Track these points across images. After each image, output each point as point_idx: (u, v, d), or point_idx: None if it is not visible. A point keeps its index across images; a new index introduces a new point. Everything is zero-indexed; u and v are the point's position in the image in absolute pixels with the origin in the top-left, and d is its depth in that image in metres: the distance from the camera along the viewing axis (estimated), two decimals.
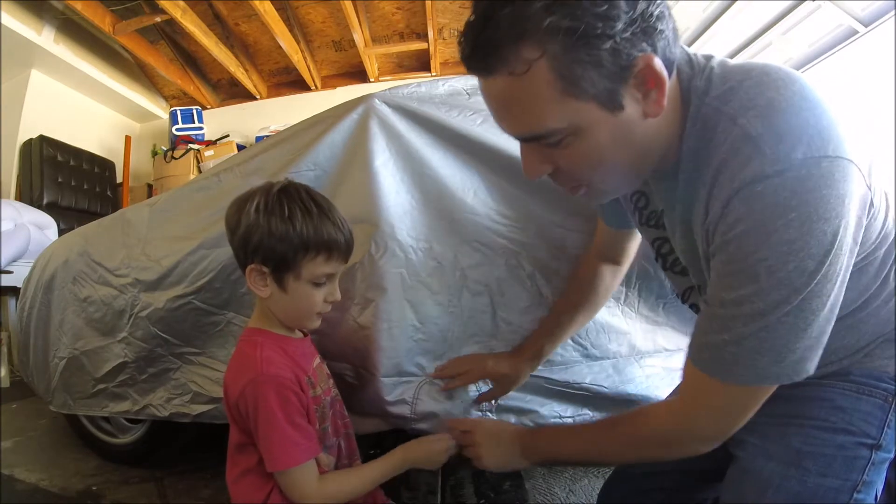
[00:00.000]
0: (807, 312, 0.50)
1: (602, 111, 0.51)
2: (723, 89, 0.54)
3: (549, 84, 0.50)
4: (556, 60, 0.49)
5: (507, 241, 0.94)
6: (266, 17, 3.20)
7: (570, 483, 1.36)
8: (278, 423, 0.69)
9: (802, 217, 0.47)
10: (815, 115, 0.49)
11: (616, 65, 0.49)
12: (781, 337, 0.51)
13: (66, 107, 3.73)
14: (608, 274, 0.94)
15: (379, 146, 0.92)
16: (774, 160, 0.47)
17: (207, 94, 4.36)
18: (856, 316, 0.64)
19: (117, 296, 1.20)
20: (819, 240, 0.48)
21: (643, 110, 0.53)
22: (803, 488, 0.64)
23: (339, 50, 4.11)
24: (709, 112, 0.54)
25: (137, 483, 1.42)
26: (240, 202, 0.74)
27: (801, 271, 0.48)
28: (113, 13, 3.24)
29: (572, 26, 0.47)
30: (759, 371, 0.53)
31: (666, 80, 0.51)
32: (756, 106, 0.50)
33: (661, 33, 0.50)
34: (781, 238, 0.48)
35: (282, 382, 0.71)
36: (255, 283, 0.74)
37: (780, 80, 0.52)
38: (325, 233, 0.72)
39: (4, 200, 2.78)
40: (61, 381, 1.38)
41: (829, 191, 0.47)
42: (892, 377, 0.64)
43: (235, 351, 0.78)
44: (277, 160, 1.01)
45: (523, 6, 0.48)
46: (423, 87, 0.97)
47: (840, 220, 0.48)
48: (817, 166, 0.47)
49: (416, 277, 0.90)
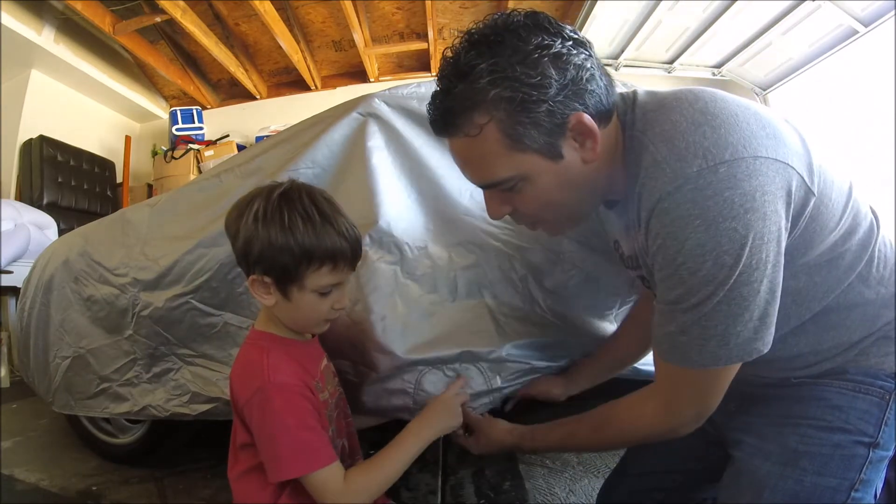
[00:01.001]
0: (738, 299, 0.56)
1: (545, 161, 0.61)
2: (643, 120, 0.62)
3: (498, 142, 0.60)
4: (502, 123, 0.59)
5: (501, 244, 0.94)
6: (266, 17, 3.20)
7: (570, 483, 1.36)
8: (290, 429, 0.67)
9: (707, 222, 0.53)
10: (713, 126, 0.55)
11: (552, 123, 0.58)
12: (721, 323, 0.57)
13: (66, 107, 3.73)
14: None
15: (378, 146, 0.92)
16: (672, 178, 0.55)
17: (207, 94, 4.36)
18: (839, 311, 0.65)
19: (119, 295, 1.21)
20: (730, 237, 0.53)
21: (581, 157, 0.62)
22: (800, 488, 0.64)
23: (339, 50, 4.11)
24: (635, 143, 0.62)
25: (137, 483, 1.43)
26: (240, 208, 0.71)
27: (719, 266, 0.54)
28: (113, 13, 3.24)
29: (512, 96, 0.57)
30: (710, 355, 0.59)
31: (596, 132, 0.60)
32: (662, 131, 0.59)
33: (592, 92, 0.59)
34: (693, 243, 0.55)
35: (290, 389, 0.69)
36: (258, 293, 0.71)
37: (686, 101, 0.59)
38: (328, 241, 0.68)
39: (4, 200, 2.78)
40: (64, 380, 1.39)
41: (731, 192, 0.53)
42: (888, 375, 0.64)
43: (241, 352, 0.76)
44: (277, 161, 1.01)
45: (472, 82, 0.58)
46: (423, 87, 0.97)
47: (752, 215, 0.53)
48: (713, 174, 0.53)
49: (411, 276, 0.90)
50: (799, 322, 0.66)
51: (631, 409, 0.71)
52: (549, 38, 0.57)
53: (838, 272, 0.64)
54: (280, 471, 0.67)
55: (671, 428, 0.67)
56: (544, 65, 0.57)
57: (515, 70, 0.57)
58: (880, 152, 2.80)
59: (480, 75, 0.58)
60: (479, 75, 0.58)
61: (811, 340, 0.66)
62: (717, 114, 0.56)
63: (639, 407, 0.70)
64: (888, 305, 0.65)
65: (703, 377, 0.62)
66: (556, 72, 0.57)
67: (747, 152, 0.53)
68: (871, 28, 2.92)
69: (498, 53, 0.57)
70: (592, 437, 0.76)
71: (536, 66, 0.57)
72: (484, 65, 0.58)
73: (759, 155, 0.54)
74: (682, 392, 0.65)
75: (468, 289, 0.94)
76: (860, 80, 3.10)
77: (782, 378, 0.68)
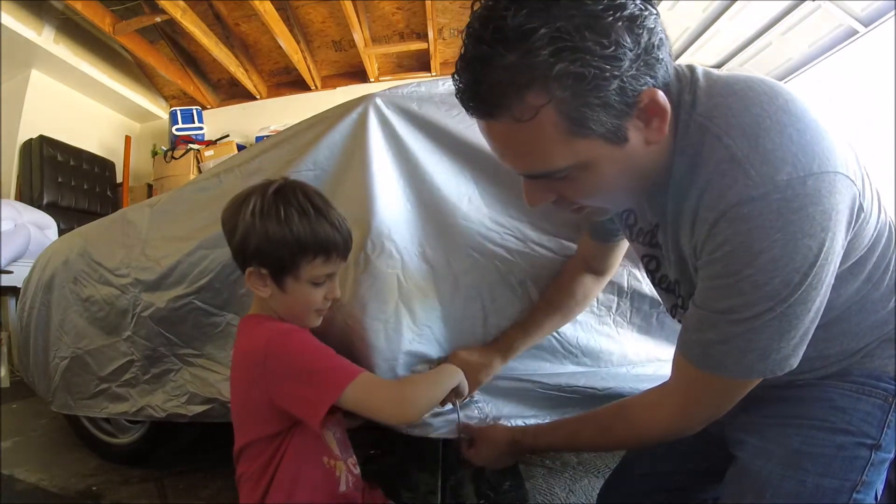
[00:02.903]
0: (791, 317, 0.53)
1: (608, 145, 0.52)
2: (708, 105, 0.55)
3: (556, 127, 0.50)
4: (565, 104, 0.49)
5: (500, 249, 0.94)
6: (266, 17, 3.20)
7: (570, 483, 1.36)
8: (317, 352, 0.71)
9: (787, 236, 0.49)
10: (799, 130, 0.49)
11: (623, 102, 0.50)
12: (766, 338, 0.54)
13: (66, 107, 3.73)
14: (589, 282, 0.95)
15: (378, 147, 0.92)
16: (759, 183, 0.49)
17: (207, 94, 4.36)
18: (851, 320, 0.65)
19: (119, 295, 1.20)
20: (804, 255, 0.49)
21: (646, 138, 0.54)
22: (802, 489, 0.64)
23: (339, 50, 4.11)
24: (695, 128, 0.55)
25: (137, 483, 1.42)
26: (236, 204, 0.74)
27: (786, 284, 0.50)
28: (113, 13, 3.24)
29: (581, 72, 0.47)
30: (746, 367, 0.56)
31: (668, 110, 0.52)
32: (741, 124, 0.51)
33: (661, 61, 0.51)
34: (767, 257, 0.50)
35: (296, 330, 0.73)
36: (254, 285, 0.74)
37: (764, 94, 0.52)
38: (322, 234, 0.72)
39: (4, 200, 2.78)
40: (63, 381, 1.39)
41: (814, 208, 0.48)
42: (891, 377, 0.64)
43: (240, 333, 0.79)
44: (278, 160, 1.01)
45: (529, 54, 0.47)
46: (423, 87, 0.97)
47: (826, 234, 0.49)
48: (802, 185, 0.48)
49: (410, 280, 0.90)
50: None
51: (645, 410, 0.70)
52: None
53: (859, 283, 0.63)
54: (327, 392, 0.67)
55: (681, 429, 0.66)
56: (618, 30, 0.46)
57: (585, 38, 0.46)
58: (880, 152, 2.80)
59: (539, 44, 0.46)
60: (536, 44, 0.46)
61: (820, 347, 0.65)
62: (800, 116, 0.50)
63: (653, 407, 0.69)
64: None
65: (729, 386, 0.60)
66: (631, 39, 0.47)
67: (830, 166, 0.49)
68: (871, 28, 2.92)
69: (558, 14, 0.46)
70: (599, 436, 0.75)
71: (609, 33, 0.46)
72: (543, 29, 0.45)
73: (838, 170, 0.49)
74: (702, 396, 0.62)
75: (466, 293, 0.94)
76: (860, 81, 3.10)
77: (787, 381, 0.68)
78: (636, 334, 1.09)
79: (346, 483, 0.79)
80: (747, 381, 0.59)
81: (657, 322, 1.09)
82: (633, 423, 0.71)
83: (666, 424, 0.66)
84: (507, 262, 0.95)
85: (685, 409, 0.64)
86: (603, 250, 0.91)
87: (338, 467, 0.79)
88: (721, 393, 0.61)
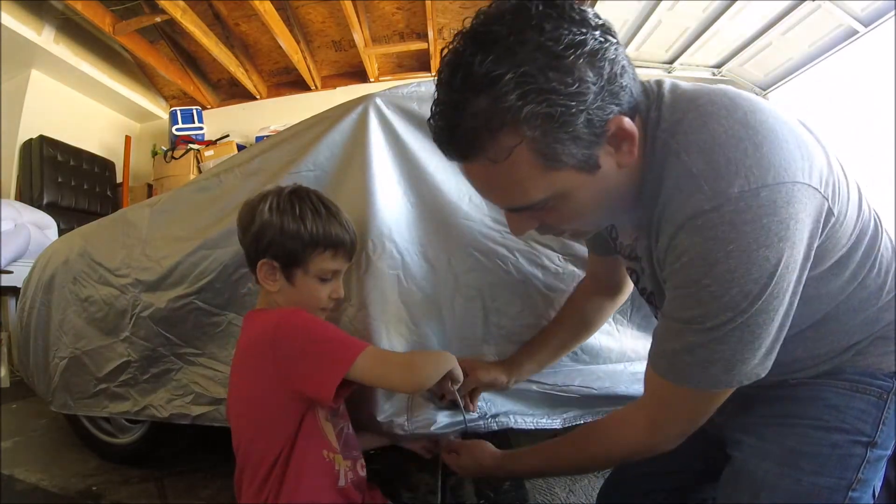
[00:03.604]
0: (753, 327, 0.53)
1: (581, 174, 0.55)
2: (671, 121, 0.56)
3: (530, 163, 0.53)
4: (536, 142, 0.51)
5: (501, 248, 0.94)
6: (266, 17, 3.19)
7: (570, 483, 1.36)
8: (329, 328, 0.76)
9: (742, 247, 0.50)
10: (756, 143, 0.50)
11: (591, 133, 0.52)
12: (730, 349, 0.55)
13: (66, 107, 3.73)
14: (598, 302, 0.95)
15: (378, 147, 0.92)
16: (712, 196, 0.50)
17: (207, 94, 4.36)
18: (839, 318, 0.65)
19: (118, 296, 1.21)
20: (761, 265, 0.50)
21: (617, 162, 0.56)
22: (798, 488, 0.64)
23: (339, 50, 4.10)
24: (660, 145, 0.57)
25: (137, 483, 1.43)
26: (253, 203, 0.80)
27: (744, 295, 0.51)
28: (113, 13, 3.24)
29: (549, 112, 0.49)
30: (712, 377, 0.57)
31: (636, 134, 0.54)
32: (697, 141, 0.53)
33: (625, 88, 0.53)
34: (723, 268, 0.51)
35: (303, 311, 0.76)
36: (265, 277, 0.79)
37: (724, 108, 0.54)
38: (332, 231, 0.78)
39: (4, 200, 2.78)
40: (62, 381, 1.39)
41: (769, 219, 0.49)
42: (886, 374, 0.64)
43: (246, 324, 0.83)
44: (278, 160, 1.01)
45: (498, 99, 0.49)
46: (423, 87, 0.97)
47: (784, 244, 0.50)
48: (755, 197, 0.49)
49: (411, 280, 0.90)
50: (798, 330, 0.64)
51: (614, 425, 0.70)
52: (577, 31, 0.49)
53: (842, 282, 0.63)
54: (337, 364, 0.71)
55: (654, 444, 0.66)
56: (580, 67, 0.48)
57: (549, 79, 0.48)
58: (880, 152, 2.80)
59: (506, 89, 0.48)
60: (504, 89, 0.48)
61: (809, 346, 0.66)
62: (757, 128, 0.51)
63: (623, 422, 0.69)
64: (888, 309, 0.65)
65: (697, 398, 0.60)
66: (593, 73, 0.49)
67: (787, 176, 0.50)
68: (871, 28, 2.92)
69: (522, 58, 0.48)
70: (574, 456, 0.75)
71: (572, 71, 0.48)
72: (509, 74, 0.47)
73: (797, 180, 0.50)
74: (671, 410, 0.63)
75: (468, 293, 0.94)
76: (860, 80, 3.11)
77: (780, 381, 0.68)
78: (636, 332, 1.09)
79: (345, 478, 0.79)
80: (716, 393, 0.59)
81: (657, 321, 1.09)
82: (606, 439, 0.71)
83: (638, 440, 0.66)
84: (507, 262, 0.95)
85: (656, 422, 0.65)
86: (608, 265, 0.91)
87: (336, 461, 0.79)
88: (690, 405, 0.62)
